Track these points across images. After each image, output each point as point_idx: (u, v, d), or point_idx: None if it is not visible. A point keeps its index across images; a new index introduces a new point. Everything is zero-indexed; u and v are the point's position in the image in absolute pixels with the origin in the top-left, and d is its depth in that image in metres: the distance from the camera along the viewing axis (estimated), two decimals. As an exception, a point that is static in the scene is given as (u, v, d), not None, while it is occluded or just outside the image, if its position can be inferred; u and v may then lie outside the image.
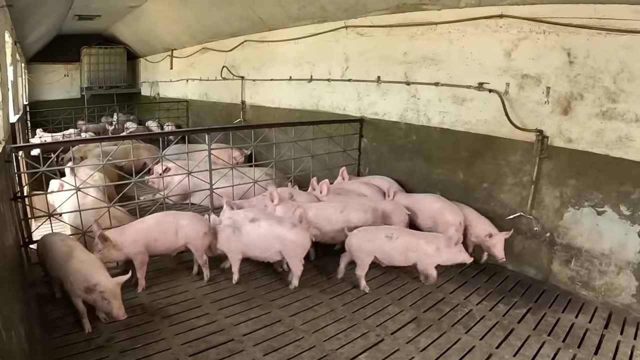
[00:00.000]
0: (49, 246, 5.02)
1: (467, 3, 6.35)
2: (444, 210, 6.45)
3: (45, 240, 5.18)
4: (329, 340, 4.71)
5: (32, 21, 11.42)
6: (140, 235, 5.58)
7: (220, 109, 14.15)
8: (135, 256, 5.51)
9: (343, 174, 7.84)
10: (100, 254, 5.20)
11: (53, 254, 4.91)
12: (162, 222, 5.81)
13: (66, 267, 4.68)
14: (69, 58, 21.65)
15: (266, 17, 10.21)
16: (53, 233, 5.49)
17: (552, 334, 4.89)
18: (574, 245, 5.82)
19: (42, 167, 5.77)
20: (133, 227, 5.71)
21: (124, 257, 5.49)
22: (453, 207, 6.50)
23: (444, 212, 6.43)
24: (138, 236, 5.57)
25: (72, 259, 4.73)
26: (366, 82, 8.37)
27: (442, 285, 5.97)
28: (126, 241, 5.47)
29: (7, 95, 5.75)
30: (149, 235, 5.61)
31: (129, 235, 5.55)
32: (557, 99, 5.72)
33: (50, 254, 4.96)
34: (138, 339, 4.66)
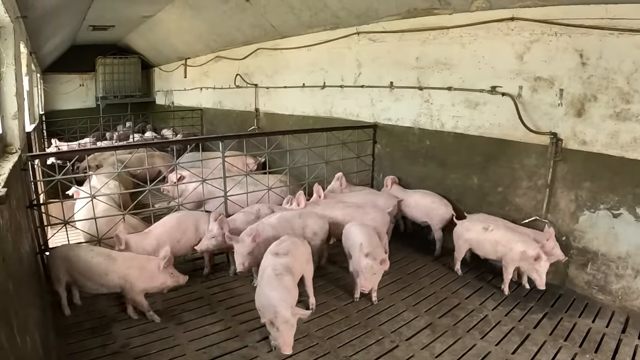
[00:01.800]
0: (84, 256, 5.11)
1: (478, 6, 6.32)
2: (436, 205, 7.04)
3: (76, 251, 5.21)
4: (343, 347, 4.70)
5: (47, 32, 11.54)
6: (165, 237, 5.74)
7: (234, 117, 14.21)
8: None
9: (341, 180, 7.84)
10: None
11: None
12: (182, 221, 5.98)
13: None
14: (84, 68, 21.91)
15: (278, 24, 10.24)
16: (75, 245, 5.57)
17: (569, 339, 4.83)
18: (590, 249, 5.75)
19: (58, 175, 5.82)
20: (154, 233, 5.82)
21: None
22: (443, 201, 7.06)
23: (437, 206, 7.01)
24: (162, 239, 5.73)
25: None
26: (379, 88, 8.36)
27: (457, 290, 5.94)
28: (149, 245, 5.62)
29: (22, 105, 5.81)
30: (172, 237, 5.77)
31: (152, 239, 5.66)
32: (570, 101, 5.67)
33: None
34: (153, 345, 4.70)
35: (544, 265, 5.33)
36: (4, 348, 2.43)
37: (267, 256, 4.99)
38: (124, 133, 17.46)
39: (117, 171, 7.02)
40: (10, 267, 3.16)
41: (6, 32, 5.06)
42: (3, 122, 5.21)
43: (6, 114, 5.24)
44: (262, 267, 4.88)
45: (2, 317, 2.54)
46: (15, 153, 5.14)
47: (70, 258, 5.02)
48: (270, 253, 5.03)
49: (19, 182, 4.91)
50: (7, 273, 3.00)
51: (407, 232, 7.89)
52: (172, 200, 8.25)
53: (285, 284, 4.50)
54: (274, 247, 5.16)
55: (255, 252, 5.43)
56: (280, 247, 5.12)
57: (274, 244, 5.26)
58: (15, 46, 5.24)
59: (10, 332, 2.66)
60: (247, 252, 5.40)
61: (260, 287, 4.57)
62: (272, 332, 4.24)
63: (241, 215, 6.38)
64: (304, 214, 6.17)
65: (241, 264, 5.40)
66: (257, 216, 6.23)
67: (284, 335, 4.13)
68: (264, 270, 4.74)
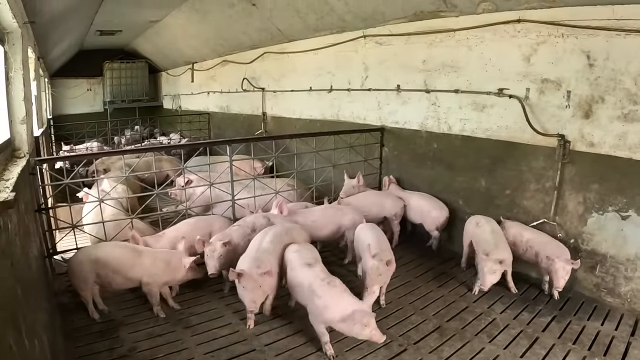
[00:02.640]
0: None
1: (485, 9, 6.32)
2: (430, 208, 7.18)
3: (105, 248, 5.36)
4: (351, 350, 4.68)
5: (55, 37, 11.61)
6: (179, 241, 5.75)
7: (242, 121, 14.24)
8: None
9: (358, 178, 7.87)
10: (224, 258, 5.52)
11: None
12: (198, 226, 5.99)
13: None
14: (92, 73, 22.05)
15: (285, 28, 10.26)
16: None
17: (578, 342, 4.80)
18: (598, 252, 5.71)
19: (66, 179, 5.85)
20: (168, 236, 5.85)
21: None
22: (439, 204, 7.21)
23: (431, 209, 7.17)
24: (176, 242, 5.75)
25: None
26: (386, 91, 8.36)
27: (465, 294, 5.92)
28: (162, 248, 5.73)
29: (31, 109, 5.85)
30: (187, 241, 5.78)
31: (165, 242, 5.71)
32: (578, 103, 5.64)
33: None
34: (160, 348, 4.71)
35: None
36: (13, 351, 2.44)
37: (301, 270, 4.82)
38: (131, 137, 17.52)
39: (125, 175, 7.04)
40: (18, 271, 3.17)
41: (14, 37, 5.09)
42: (11, 127, 5.25)
43: (14, 118, 5.27)
44: (302, 284, 4.71)
45: (10, 321, 2.55)
46: (24, 157, 5.16)
47: (100, 257, 5.12)
48: (301, 266, 4.87)
49: (27, 186, 4.94)
50: (15, 277, 3.01)
51: (416, 235, 7.87)
52: (179, 204, 8.28)
53: (340, 285, 4.57)
54: (297, 257, 5.02)
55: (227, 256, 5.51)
56: (302, 256, 5.04)
57: (291, 252, 5.17)
58: (23, 51, 5.27)
59: (19, 336, 2.67)
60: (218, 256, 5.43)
61: (320, 302, 4.43)
62: (362, 334, 4.25)
63: (236, 228, 6.07)
64: (290, 229, 5.83)
65: (213, 267, 5.42)
66: (252, 229, 6.09)
67: (375, 328, 4.25)
68: (310, 286, 4.59)
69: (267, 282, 4.92)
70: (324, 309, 4.39)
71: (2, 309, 2.42)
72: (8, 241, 3.04)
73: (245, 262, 4.94)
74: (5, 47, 5.05)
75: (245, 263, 4.91)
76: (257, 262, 4.89)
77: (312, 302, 4.52)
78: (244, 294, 4.79)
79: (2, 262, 2.73)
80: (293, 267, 4.95)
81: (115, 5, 11.55)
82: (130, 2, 11.62)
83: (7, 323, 2.45)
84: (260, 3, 9.67)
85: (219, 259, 5.40)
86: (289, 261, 5.08)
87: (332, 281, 4.59)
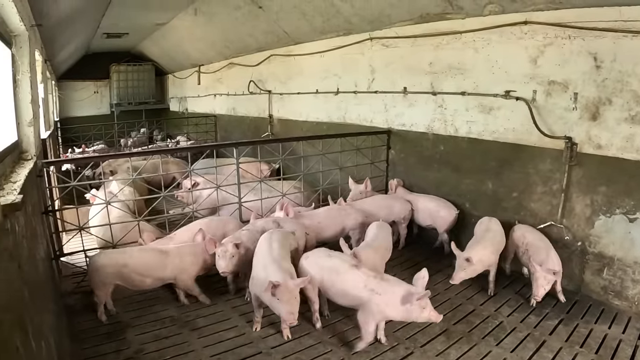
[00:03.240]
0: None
1: (491, 11, 6.30)
2: (439, 208, 7.20)
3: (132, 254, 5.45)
4: (357, 354, 4.68)
5: (62, 40, 11.65)
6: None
7: (248, 123, 14.26)
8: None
9: (366, 183, 7.85)
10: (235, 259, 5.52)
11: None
12: (209, 227, 6.09)
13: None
14: (99, 75, 22.12)
15: (291, 31, 10.27)
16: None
17: (585, 345, 4.78)
18: (605, 254, 5.69)
19: (73, 181, 5.87)
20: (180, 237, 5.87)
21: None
22: (447, 204, 7.22)
23: (439, 209, 7.19)
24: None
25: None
26: (392, 94, 8.35)
27: (472, 296, 5.91)
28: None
29: (38, 112, 5.86)
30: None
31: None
32: (585, 105, 5.63)
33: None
34: (167, 350, 4.72)
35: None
36: (20, 353, 2.44)
37: (351, 272, 4.73)
38: (138, 140, 17.57)
39: (132, 177, 7.05)
40: (25, 273, 3.18)
41: (21, 40, 5.11)
42: (19, 129, 5.26)
43: (22, 121, 5.29)
44: (355, 286, 4.63)
45: (17, 323, 2.56)
46: (31, 160, 5.18)
47: (129, 263, 5.24)
48: (349, 269, 4.77)
49: (34, 189, 4.95)
50: (22, 279, 3.02)
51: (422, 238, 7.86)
52: (186, 207, 8.29)
53: (391, 277, 4.70)
54: (340, 262, 4.92)
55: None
56: (343, 259, 4.97)
57: (328, 257, 5.01)
58: (30, 54, 5.28)
59: (26, 338, 2.68)
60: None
61: (381, 300, 4.47)
62: (421, 316, 4.41)
63: (245, 232, 5.98)
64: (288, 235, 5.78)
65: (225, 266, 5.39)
66: (262, 233, 6.06)
67: (432, 308, 4.43)
68: (366, 286, 4.56)
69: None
70: (386, 306, 4.45)
71: (10, 311, 2.42)
72: (15, 243, 3.04)
73: (276, 273, 4.62)
74: (13, 50, 5.07)
75: (278, 274, 4.60)
76: (288, 273, 4.70)
77: (370, 301, 4.50)
78: (280, 306, 4.47)
79: (10, 264, 2.74)
80: (339, 272, 4.79)
81: (122, 8, 11.59)
82: (137, 5, 11.66)
83: (14, 325, 2.46)
84: (267, 6, 9.68)
85: (231, 259, 5.38)
86: (330, 268, 4.88)
87: (383, 275, 4.71)
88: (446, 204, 7.22)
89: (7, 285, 2.56)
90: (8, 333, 2.32)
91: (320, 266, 4.92)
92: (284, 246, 5.26)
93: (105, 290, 5.25)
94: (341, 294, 4.76)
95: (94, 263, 5.21)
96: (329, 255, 5.01)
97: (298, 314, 4.45)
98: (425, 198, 7.49)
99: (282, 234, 5.53)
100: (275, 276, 4.52)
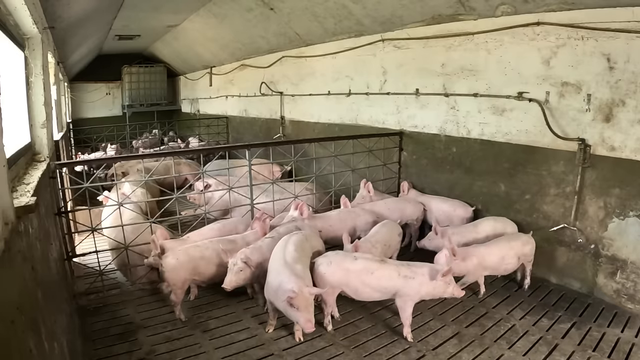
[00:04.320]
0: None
1: (503, 12, 6.27)
2: (454, 207, 7.23)
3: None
4: (369, 356, 4.68)
5: (74, 42, 11.71)
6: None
7: (260, 125, 14.28)
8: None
9: (367, 187, 7.81)
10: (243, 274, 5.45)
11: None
12: (222, 232, 6.14)
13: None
14: (111, 77, 22.20)
15: (303, 32, 10.28)
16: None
17: (597, 349, 4.74)
18: (619, 257, 5.64)
19: (85, 183, 5.90)
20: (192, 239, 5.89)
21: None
22: (460, 202, 7.26)
23: (455, 207, 7.22)
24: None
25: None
26: (405, 95, 8.34)
27: (484, 299, 5.88)
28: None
29: (50, 113, 5.90)
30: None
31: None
32: (598, 106, 5.59)
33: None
34: (178, 352, 4.75)
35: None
36: (33, 354, 2.46)
37: (385, 267, 4.94)
38: (149, 141, 17.62)
39: (145, 179, 7.08)
40: (39, 275, 3.20)
41: (34, 42, 5.14)
42: (32, 131, 5.30)
43: (35, 122, 5.32)
44: (391, 277, 4.90)
45: (30, 324, 2.57)
46: (44, 161, 5.21)
47: (203, 254, 5.45)
48: (382, 265, 4.96)
49: (47, 190, 4.98)
50: (35, 280, 3.04)
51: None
52: (198, 208, 8.31)
53: (415, 262, 5.13)
54: (371, 260, 5.05)
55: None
56: (372, 257, 5.16)
57: (356, 259, 5.01)
58: (43, 56, 5.32)
59: (39, 339, 2.70)
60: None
61: (414, 283, 4.85)
62: (446, 292, 4.91)
63: (269, 240, 5.79)
64: (310, 236, 5.69)
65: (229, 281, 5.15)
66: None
67: (455, 284, 4.94)
68: (400, 274, 4.89)
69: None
70: (420, 286, 4.85)
71: (23, 312, 2.44)
72: (29, 244, 3.07)
73: (290, 280, 4.51)
74: (26, 52, 5.10)
75: (291, 281, 4.48)
76: (302, 279, 4.58)
77: (406, 287, 4.86)
78: (298, 315, 4.40)
79: (23, 266, 2.75)
80: (372, 270, 4.89)
81: (133, 10, 11.63)
82: (148, 8, 11.69)
83: (27, 326, 2.48)
84: (279, 7, 9.69)
85: (238, 273, 5.15)
86: (361, 270, 4.89)
87: (407, 262, 5.14)
88: (460, 203, 7.21)
89: (21, 286, 2.58)
90: (21, 334, 2.33)
91: (347, 270, 4.91)
92: (303, 249, 5.20)
93: (183, 288, 5.36)
94: (377, 289, 4.94)
95: (170, 263, 5.23)
96: (354, 258, 5.01)
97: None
98: (438, 199, 7.46)
99: (301, 237, 5.47)
100: (289, 283, 4.45)
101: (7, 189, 2.64)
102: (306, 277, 4.73)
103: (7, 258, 2.29)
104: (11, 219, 2.59)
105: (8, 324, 2.12)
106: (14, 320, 2.20)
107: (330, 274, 4.91)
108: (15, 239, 2.59)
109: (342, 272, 4.89)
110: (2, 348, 1.97)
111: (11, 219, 2.59)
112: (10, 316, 2.17)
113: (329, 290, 4.89)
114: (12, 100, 4.91)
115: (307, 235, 5.65)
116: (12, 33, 4.52)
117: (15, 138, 4.66)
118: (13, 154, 4.06)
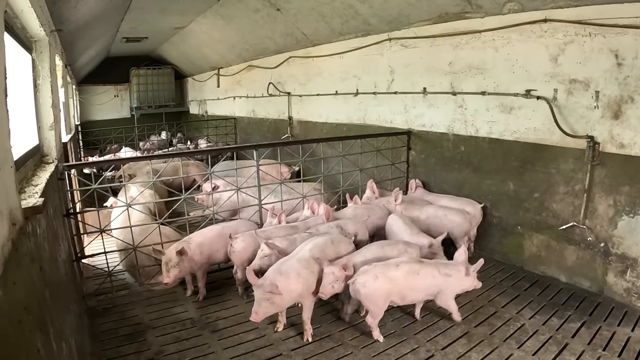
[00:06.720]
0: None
1: (510, 9, 6.25)
2: (463, 205, 7.11)
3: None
4: (378, 356, 4.66)
5: (81, 44, 11.77)
6: (205, 246, 5.88)
7: (268, 125, 14.29)
8: (201, 267, 5.86)
9: (372, 188, 7.79)
10: (177, 268, 5.48)
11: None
12: (224, 233, 6.10)
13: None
14: (119, 79, 22.38)
15: (310, 32, 10.28)
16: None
17: (608, 348, 4.70)
18: (629, 255, 5.58)
19: (94, 184, 5.92)
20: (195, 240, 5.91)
21: (189, 269, 5.77)
22: (468, 200, 7.23)
23: (464, 206, 7.09)
24: (202, 248, 5.85)
25: None
26: (412, 94, 8.31)
27: (493, 298, 5.85)
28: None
29: (59, 116, 5.94)
30: (212, 247, 5.93)
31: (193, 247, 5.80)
32: (607, 103, 5.54)
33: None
34: (187, 352, 4.75)
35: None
36: (41, 355, 2.46)
37: (428, 268, 5.03)
38: (158, 142, 17.68)
39: (152, 180, 7.09)
40: (47, 275, 3.21)
41: (42, 45, 5.18)
42: (40, 133, 5.33)
43: (43, 125, 5.35)
44: (434, 276, 5.01)
45: (39, 324, 2.58)
46: (52, 163, 5.24)
47: (398, 275, 5.08)
48: (424, 265, 5.04)
49: (55, 192, 5.01)
50: (44, 281, 3.05)
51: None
52: (206, 209, 8.33)
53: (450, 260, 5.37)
54: (413, 262, 5.11)
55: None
56: (408, 257, 5.26)
57: (398, 264, 4.95)
58: (50, 59, 5.35)
59: (47, 339, 2.70)
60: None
61: (451, 279, 5.02)
62: (473, 284, 5.14)
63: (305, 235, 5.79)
64: (336, 240, 5.56)
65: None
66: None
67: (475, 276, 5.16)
68: (440, 272, 5.03)
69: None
70: (458, 282, 5.07)
71: (31, 313, 2.45)
72: (37, 245, 3.08)
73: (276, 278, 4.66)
74: (33, 55, 5.13)
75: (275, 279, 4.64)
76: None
77: (447, 283, 5.02)
78: (259, 302, 4.60)
79: (32, 266, 2.76)
80: (417, 272, 4.91)
81: (141, 13, 11.69)
82: (156, 10, 11.74)
83: (35, 326, 2.48)
84: (285, 8, 9.70)
85: (262, 259, 5.30)
86: (406, 274, 4.86)
87: (440, 261, 5.42)
88: (469, 201, 7.18)
89: (29, 287, 2.58)
90: (30, 335, 2.34)
91: (392, 277, 4.80)
92: (322, 251, 5.13)
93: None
94: (423, 289, 5.04)
95: (374, 289, 4.84)
96: (396, 265, 4.92)
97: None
98: (446, 198, 7.42)
99: (326, 240, 5.38)
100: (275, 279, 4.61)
101: (14, 190, 2.65)
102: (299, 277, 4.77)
103: (14, 258, 2.30)
104: (19, 219, 2.60)
105: (15, 324, 2.12)
106: (21, 320, 2.21)
107: (380, 288, 4.77)
108: (23, 239, 2.60)
109: (387, 280, 4.78)
110: (10, 347, 1.98)
111: (19, 219, 2.60)
112: (17, 316, 2.17)
113: (381, 305, 4.86)
114: (21, 102, 4.94)
115: (334, 238, 5.53)
116: (20, 36, 4.55)
117: (23, 140, 4.68)
118: (21, 156, 4.09)
